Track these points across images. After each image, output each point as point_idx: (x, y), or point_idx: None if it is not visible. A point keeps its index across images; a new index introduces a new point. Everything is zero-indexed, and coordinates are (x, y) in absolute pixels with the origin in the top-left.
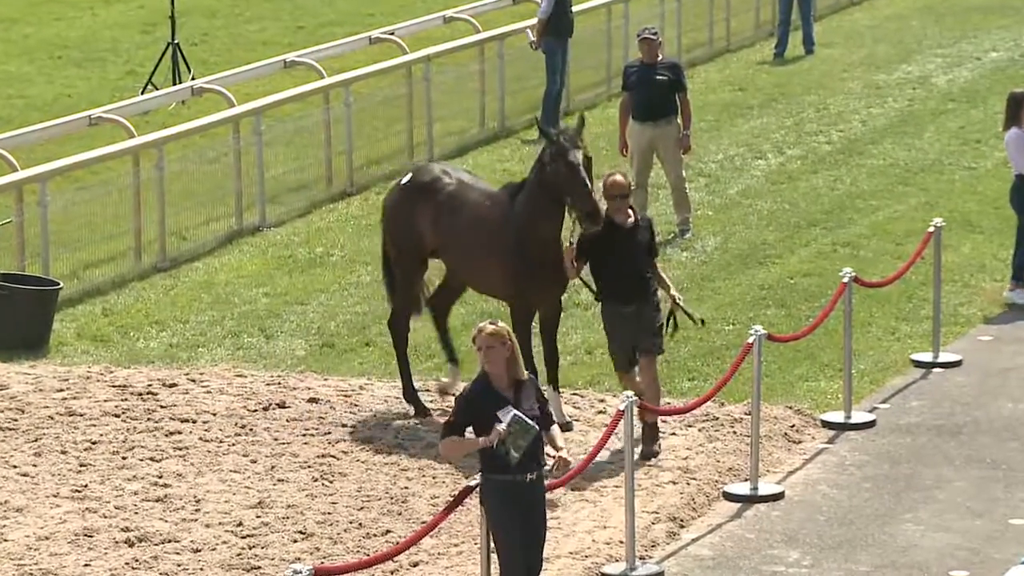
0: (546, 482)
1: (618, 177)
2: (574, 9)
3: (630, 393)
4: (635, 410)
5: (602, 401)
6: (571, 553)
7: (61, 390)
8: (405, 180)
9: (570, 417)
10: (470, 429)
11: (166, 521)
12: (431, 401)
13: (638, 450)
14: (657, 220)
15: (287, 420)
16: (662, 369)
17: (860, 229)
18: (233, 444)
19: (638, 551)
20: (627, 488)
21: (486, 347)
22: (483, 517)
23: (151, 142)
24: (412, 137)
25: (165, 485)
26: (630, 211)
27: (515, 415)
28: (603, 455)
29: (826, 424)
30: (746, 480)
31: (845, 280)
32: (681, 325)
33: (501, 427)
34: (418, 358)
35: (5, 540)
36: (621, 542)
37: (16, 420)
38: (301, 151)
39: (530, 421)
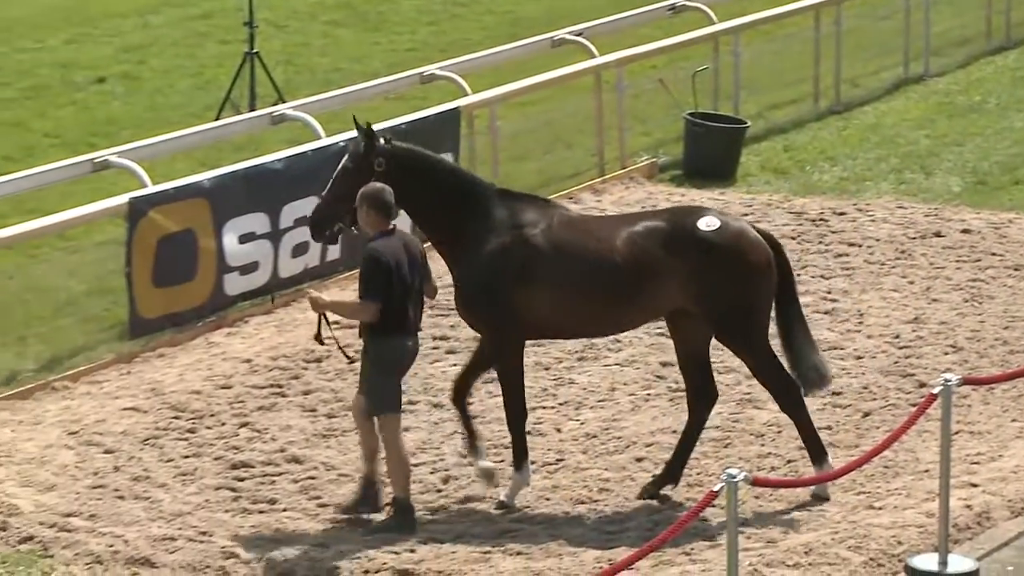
0: None
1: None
2: None
3: None
4: None
5: None
6: None
7: (746, 214)
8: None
9: None
10: None
11: (832, 331)
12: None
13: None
14: None
15: (942, 247)
16: None
17: None
18: (893, 267)
19: None
20: None
21: None
22: None
23: (832, 0)
24: None
25: (833, 300)
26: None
27: None
28: None
29: None
30: None
31: None
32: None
33: None
34: None
35: None
36: None
37: None
38: (963, 9)
39: None
